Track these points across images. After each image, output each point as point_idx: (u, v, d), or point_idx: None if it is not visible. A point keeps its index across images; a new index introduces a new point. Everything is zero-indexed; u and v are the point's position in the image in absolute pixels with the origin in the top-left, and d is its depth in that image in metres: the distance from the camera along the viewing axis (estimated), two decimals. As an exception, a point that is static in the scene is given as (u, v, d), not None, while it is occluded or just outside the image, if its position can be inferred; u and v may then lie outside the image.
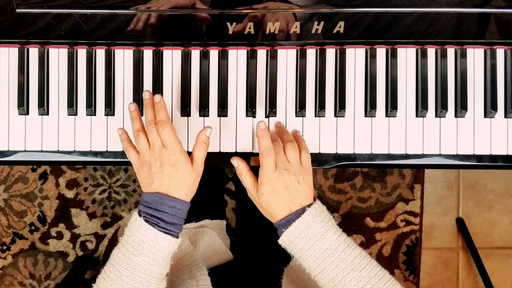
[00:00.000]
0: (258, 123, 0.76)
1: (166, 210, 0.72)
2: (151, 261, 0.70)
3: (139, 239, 0.70)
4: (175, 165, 0.73)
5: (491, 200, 1.64)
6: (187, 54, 0.85)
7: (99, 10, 0.80)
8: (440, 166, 0.85)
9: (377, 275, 0.69)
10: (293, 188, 0.73)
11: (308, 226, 0.71)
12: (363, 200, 1.60)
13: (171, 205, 0.72)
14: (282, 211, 0.74)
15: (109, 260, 0.73)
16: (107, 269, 0.72)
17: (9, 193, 1.58)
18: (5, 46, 0.84)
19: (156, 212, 0.72)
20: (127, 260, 0.70)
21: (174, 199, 0.73)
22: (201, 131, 0.77)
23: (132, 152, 0.76)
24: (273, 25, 0.81)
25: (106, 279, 0.71)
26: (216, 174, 1.35)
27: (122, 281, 0.69)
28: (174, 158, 0.73)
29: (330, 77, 0.85)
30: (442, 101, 0.84)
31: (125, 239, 0.72)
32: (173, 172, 0.73)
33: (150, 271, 0.70)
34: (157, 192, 0.73)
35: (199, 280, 0.84)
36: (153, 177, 0.73)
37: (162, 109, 0.75)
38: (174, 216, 0.73)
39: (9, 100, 0.85)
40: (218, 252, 1.01)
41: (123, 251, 0.71)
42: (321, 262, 0.70)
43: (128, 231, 0.72)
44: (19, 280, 1.59)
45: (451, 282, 1.64)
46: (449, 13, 0.81)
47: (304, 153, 0.76)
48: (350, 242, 0.72)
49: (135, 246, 0.70)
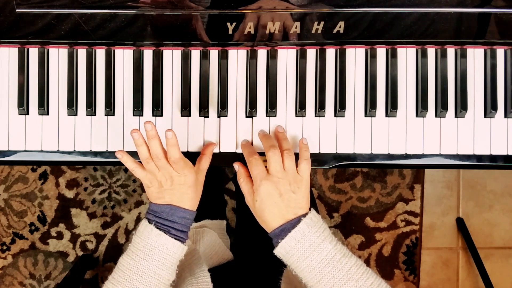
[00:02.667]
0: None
1: (177, 221, 0.76)
2: (161, 266, 0.73)
3: (150, 244, 0.73)
4: (186, 184, 0.76)
5: (491, 200, 1.64)
6: (187, 54, 0.85)
7: (99, 10, 0.80)
8: (440, 166, 0.85)
9: (373, 284, 0.69)
10: (287, 196, 0.73)
11: (304, 236, 0.71)
12: (363, 200, 1.60)
13: (182, 215, 0.76)
14: (276, 219, 0.73)
15: (117, 266, 0.75)
16: (115, 274, 0.74)
17: (9, 193, 1.58)
18: (5, 46, 0.84)
19: (167, 222, 0.75)
20: (137, 265, 0.72)
21: (184, 210, 0.76)
22: (210, 145, 0.82)
23: (139, 170, 0.76)
24: (273, 25, 0.81)
25: (115, 284, 0.73)
26: (216, 174, 1.35)
27: (132, 285, 0.71)
28: (184, 178, 0.76)
29: (330, 77, 0.85)
30: (442, 101, 0.84)
31: (134, 246, 0.74)
32: (184, 189, 0.76)
33: (159, 275, 0.73)
34: (168, 204, 0.76)
35: (199, 277, 0.84)
36: (164, 193, 0.76)
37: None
38: (184, 225, 0.76)
39: (9, 100, 0.85)
40: (218, 252, 1.00)
41: (133, 256, 0.73)
42: (318, 272, 0.70)
43: (138, 238, 0.75)
44: (19, 280, 1.59)
45: (451, 282, 1.64)
46: (449, 13, 0.81)
47: (305, 164, 0.76)
48: (346, 251, 0.71)
49: (146, 252, 0.73)
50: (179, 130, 0.84)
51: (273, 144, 0.77)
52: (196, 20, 0.80)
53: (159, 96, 0.84)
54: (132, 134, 0.74)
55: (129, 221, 1.58)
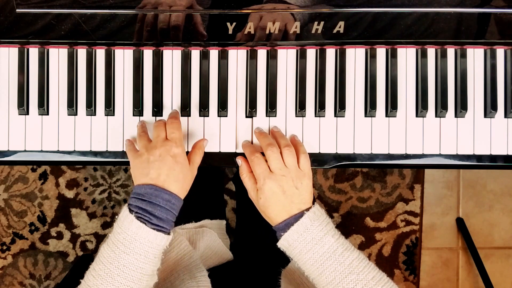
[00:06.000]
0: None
1: (160, 203, 0.71)
2: (143, 259, 0.69)
3: (130, 236, 0.69)
4: (176, 157, 0.73)
5: (491, 200, 1.64)
6: (187, 54, 0.85)
7: (99, 10, 0.80)
8: (440, 166, 0.85)
9: (374, 277, 0.70)
10: (290, 193, 0.73)
11: (307, 229, 0.71)
12: (363, 200, 1.60)
13: (166, 198, 0.71)
14: (280, 215, 0.74)
15: (97, 256, 0.71)
16: (96, 266, 0.70)
17: (9, 193, 1.58)
18: (5, 46, 0.84)
19: (149, 205, 0.71)
20: (117, 258, 0.69)
21: (170, 193, 0.72)
22: (199, 140, 0.81)
23: (132, 148, 0.78)
24: (273, 25, 0.81)
25: (96, 277, 0.69)
26: (216, 174, 1.35)
27: (113, 280, 0.68)
28: (176, 150, 0.73)
29: (330, 77, 0.85)
30: (442, 101, 0.84)
31: (115, 236, 0.70)
32: (172, 164, 0.73)
33: (142, 269, 0.69)
34: (152, 184, 0.72)
35: (200, 281, 0.84)
36: (150, 166, 0.72)
37: (177, 115, 0.81)
38: (168, 210, 0.72)
39: (9, 100, 0.85)
40: (217, 252, 1.00)
41: (113, 248, 0.69)
42: (320, 265, 0.70)
43: (118, 228, 0.70)
44: (19, 280, 1.59)
45: (451, 282, 1.64)
46: (449, 13, 0.81)
47: (303, 158, 0.76)
48: (348, 245, 0.72)
49: (126, 244, 0.69)
50: (179, 130, 0.84)
51: (271, 142, 0.77)
52: (196, 20, 0.80)
53: (159, 96, 0.84)
54: (138, 126, 0.81)
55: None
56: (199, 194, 1.02)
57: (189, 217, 0.99)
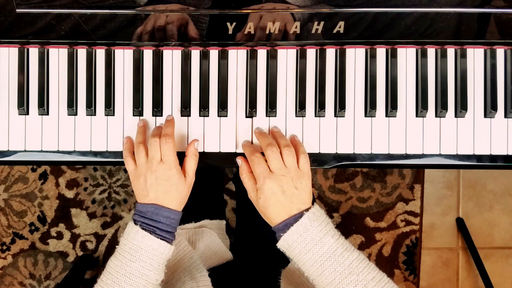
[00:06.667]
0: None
1: (161, 220, 0.76)
2: (148, 267, 0.73)
3: (136, 245, 0.74)
4: (170, 180, 0.76)
5: (491, 200, 1.64)
6: (187, 54, 0.85)
7: (99, 10, 0.80)
8: (440, 166, 0.85)
9: (374, 278, 0.70)
10: (290, 193, 0.74)
11: (306, 230, 0.71)
12: (363, 200, 1.60)
13: (166, 215, 0.76)
14: (279, 216, 0.74)
15: (105, 269, 0.76)
16: (104, 277, 0.75)
17: (9, 193, 1.58)
18: (5, 46, 0.84)
19: (152, 222, 0.76)
20: (124, 266, 0.73)
21: (169, 210, 0.77)
22: (190, 145, 0.81)
23: (131, 162, 0.80)
24: (273, 25, 0.81)
25: (104, 286, 0.73)
26: (216, 174, 1.35)
27: (120, 286, 0.72)
28: (169, 173, 0.76)
29: (330, 77, 0.85)
30: (442, 101, 0.84)
31: (121, 247, 0.75)
32: (168, 187, 0.76)
33: (147, 276, 0.73)
34: (153, 203, 0.76)
35: (200, 281, 0.84)
36: (149, 189, 0.76)
37: (170, 125, 0.80)
38: (169, 225, 0.77)
39: (9, 100, 0.85)
40: (217, 252, 1.00)
41: (120, 258, 0.74)
42: (319, 265, 0.70)
43: (125, 239, 0.76)
44: (19, 280, 1.59)
45: (451, 282, 1.64)
46: (449, 13, 0.81)
47: (303, 158, 0.76)
48: (348, 246, 0.72)
49: (132, 253, 0.74)
50: (179, 130, 0.84)
51: (270, 142, 0.77)
52: (196, 20, 0.80)
53: (159, 96, 0.84)
54: (139, 121, 0.83)
55: (129, 221, 1.58)
56: (199, 194, 1.02)
57: (189, 217, 0.99)
